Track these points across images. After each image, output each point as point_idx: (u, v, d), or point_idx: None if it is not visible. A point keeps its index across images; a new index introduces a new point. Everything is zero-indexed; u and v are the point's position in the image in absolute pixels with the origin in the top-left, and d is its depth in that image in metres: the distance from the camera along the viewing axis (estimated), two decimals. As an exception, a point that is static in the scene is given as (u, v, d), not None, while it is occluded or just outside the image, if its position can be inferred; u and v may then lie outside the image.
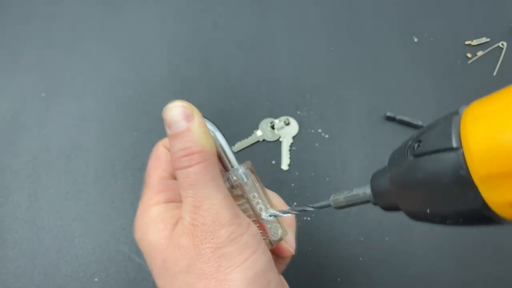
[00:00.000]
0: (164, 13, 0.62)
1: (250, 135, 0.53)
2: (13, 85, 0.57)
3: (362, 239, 0.49)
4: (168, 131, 0.27)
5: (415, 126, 0.54)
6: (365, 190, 0.25)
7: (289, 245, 0.31)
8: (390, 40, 0.61)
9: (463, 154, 0.18)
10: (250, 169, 0.29)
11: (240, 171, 0.28)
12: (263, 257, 0.26)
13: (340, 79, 0.58)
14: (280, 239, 0.30)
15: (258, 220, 0.29)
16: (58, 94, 0.56)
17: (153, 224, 0.28)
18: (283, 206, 0.32)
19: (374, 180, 0.25)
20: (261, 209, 0.29)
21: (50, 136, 0.54)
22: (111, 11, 0.62)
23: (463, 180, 0.18)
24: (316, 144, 0.54)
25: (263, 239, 0.28)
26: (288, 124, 0.54)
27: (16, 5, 0.63)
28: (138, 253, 0.48)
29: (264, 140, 0.54)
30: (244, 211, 0.29)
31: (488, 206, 0.18)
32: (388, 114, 0.54)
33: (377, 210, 0.52)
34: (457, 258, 0.49)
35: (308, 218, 0.50)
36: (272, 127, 0.54)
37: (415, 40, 0.61)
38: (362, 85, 0.57)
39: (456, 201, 0.19)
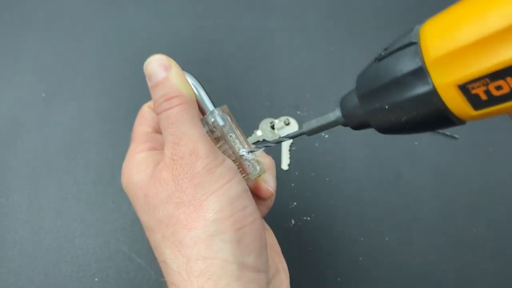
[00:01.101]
0: (164, 13, 0.62)
1: (250, 135, 0.54)
2: (13, 85, 0.57)
3: (362, 239, 0.49)
4: (149, 83, 0.30)
5: (415, 126, 0.54)
6: (335, 113, 0.27)
7: (269, 185, 0.33)
8: (390, 40, 0.61)
9: (419, 45, 0.21)
10: (226, 112, 0.32)
11: (216, 113, 0.31)
12: (238, 186, 0.28)
13: (340, 79, 0.58)
14: (259, 175, 0.31)
15: (237, 160, 0.31)
16: (58, 94, 0.56)
17: (137, 166, 0.30)
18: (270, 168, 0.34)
19: (343, 101, 0.27)
20: (238, 148, 0.31)
21: (50, 136, 0.54)
22: (111, 11, 0.62)
23: (418, 69, 0.21)
24: (316, 144, 0.54)
25: (243, 176, 0.30)
26: (288, 124, 0.54)
27: (16, 5, 0.63)
28: (138, 253, 0.48)
29: (264, 140, 0.54)
30: (224, 152, 0.31)
31: (437, 92, 0.21)
32: (388, 114, 0.55)
33: (377, 210, 0.53)
34: (457, 258, 0.49)
35: (308, 218, 0.50)
36: (272, 127, 0.54)
37: (415, 40, 0.61)
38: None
39: (411, 91, 0.22)
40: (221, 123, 0.31)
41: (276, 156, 0.53)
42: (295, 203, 0.50)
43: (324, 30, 0.62)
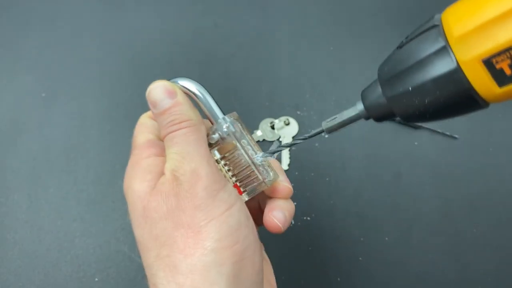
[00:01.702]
0: (164, 13, 0.62)
1: (250, 135, 0.54)
2: (13, 85, 0.57)
3: (362, 239, 0.49)
4: (155, 111, 0.29)
5: (415, 126, 0.54)
6: (356, 107, 0.27)
7: (285, 182, 0.32)
8: (390, 40, 0.61)
9: (442, 27, 0.22)
10: (236, 119, 0.31)
11: (228, 120, 0.31)
12: (239, 213, 0.27)
13: (340, 79, 0.58)
14: (274, 180, 0.31)
15: (250, 166, 0.30)
16: (58, 94, 0.56)
17: (142, 174, 0.29)
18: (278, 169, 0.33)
19: (364, 93, 0.27)
20: (252, 154, 0.31)
21: (50, 136, 0.54)
22: (111, 11, 0.62)
23: (441, 48, 0.22)
24: (316, 144, 0.54)
25: (257, 182, 0.30)
26: (288, 124, 0.54)
27: (16, 5, 0.63)
28: (138, 253, 0.48)
29: (264, 140, 0.54)
30: (235, 160, 0.31)
31: (461, 69, 0.21)
32: (388, 114, 0.54)
33: (377, 210, 0.52)
34: (457, 258, 0.49)
35: (308, 218, 0.50)
36: (272, 127, 0.54)
37: (415, 40, 0.61)
38: (362, 85, 0.57)
39: (435, 71, 0.22)
40: (233, 129, 0.30)
41: (276, 156, 0.53)
42: (295, 203, 0.50)
43: (324, 30, 0.62)
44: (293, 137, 0.54)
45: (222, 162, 0.31)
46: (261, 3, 0.63)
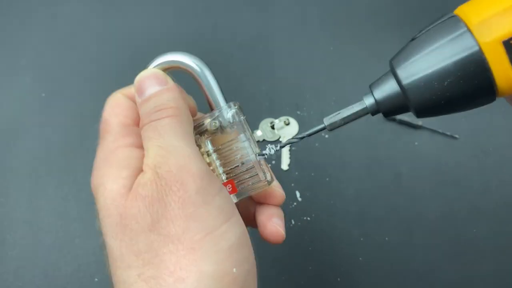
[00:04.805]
0: (164, 13, 0.62)
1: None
2: (13, 85, 0.57)
3: (362, 239, 0.49)
4: (139, 99, 0.25)
5: (415, 126, 0.54)
6: (364, 101, 0.26)
7: (279, 187, 0.29)
8: (390, 40, 0.61)
9: (460, 17, 0.23)
10: (239, 109, 0.28)
11: (234, 108, 0.27)
12: (239, 227, 0.23)
13: (340, 79, 0.58)
14: (273, 180, 0.28)
15: (250, 163, 0.27)
16: (58, 94, 0.56)
17: (117, 169, 0.23)
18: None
19: (374, 85, 0.26)
20: (253, 149, 0.27)
21: (50, 136, 0.54)
22: (111, 11, 0.62)
23: (463, 32, 0.23)
24: (316, 144, 0.54)
25: (256, 182, 0.26)
26: (288, 124, 0.54)
27: (16, 5, 0.63)
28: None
29: (264, 140, 0.54)
30: (232, 153, 0.27)
31: (481, 51, 0.22)
32: (388, 114, 0.54)
33: (377, 210, 0.52)
34: (457, 258, 0.49)
35: (308, 218, 0.50)
36: (272, 127, 0.54)
37: (415, 40, 0.61)
38: (362, 85, 0.57)
39: (456, 55, 0.23)
40: (238, 118, 0.27)
41: (276, 156, 0.53)
42: (295, 203, 0.50)
43: (324, 30, 0.62)
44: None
45: (214, 155, 0.27)
46: (261, 3, 0.63)
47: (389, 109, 0.26)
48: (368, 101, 0.26)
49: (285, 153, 0.52)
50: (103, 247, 0.24)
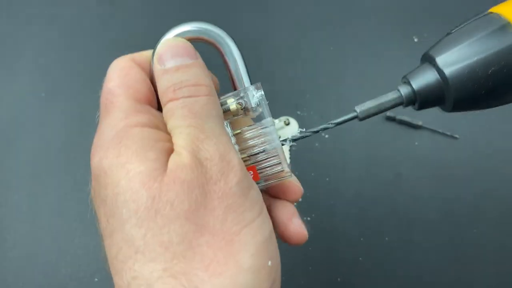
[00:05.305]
0: (164, 13, 0.62)
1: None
2: (13, 85, 0.57)
3: (362, 239, 0.49)
4: (161, 66, 0.22)
5: (415, 126, 0.54)
6: (402, 90, 0.26)
7: (297, 183, 0.27)
8: (390, 40, 0.61)
9: (496, 14, 0.24)
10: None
11: (260, 91, 0.24)
12: (269, 221, 0.22)
13: (340, 79, 0.58)
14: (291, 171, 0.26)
15: (275, 149, 0.25)
16: (58, 94, 0.56)
17: (141, 150, 0.20)
18: None
19: (411, 75, 0.26)
20: (277, 135, 0.25)
21: (50, 136, 0.54)
22: (111, 11, 0.62)
23: (505, 24, 0.24)
24: (316, 144, 0.54)
25: (277, 171, 0.25)
26: (288, 124, 0.54)
27: (16, 5, 0.63)
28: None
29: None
30: (249, 139, 0.25)
31: None
32: (388, 114, 0.54)
33: (377, 210, 0.52)
34: (457, 258, 0.49)
35: (308, 218, 0.50)
36: (272, 127, 0.54)
37: (415, 40, 0.61)
38: (362, 85, 0.57)
39: (500, 44, 0.24)
40: (265, 101, 0.24)
41: (276, 156, 0.53)
42: (295, 203, 0.50)
43: (324, 30, 0.62)
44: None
45: (233, 139, 0.25)
46: (261, 3, 0.63)
47: (426, 100, 0.26)
48: (405, 90, 0.26)
49: (285, 153, 0.52)
50: (102, 239, 0.22)
